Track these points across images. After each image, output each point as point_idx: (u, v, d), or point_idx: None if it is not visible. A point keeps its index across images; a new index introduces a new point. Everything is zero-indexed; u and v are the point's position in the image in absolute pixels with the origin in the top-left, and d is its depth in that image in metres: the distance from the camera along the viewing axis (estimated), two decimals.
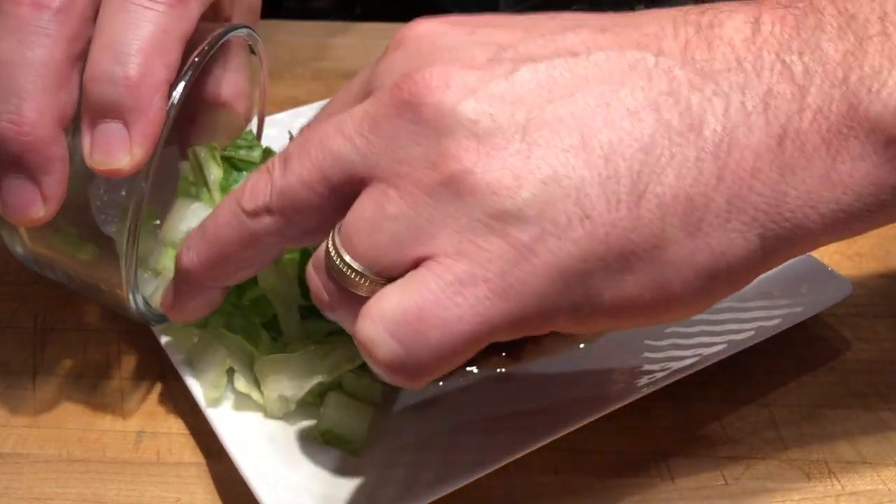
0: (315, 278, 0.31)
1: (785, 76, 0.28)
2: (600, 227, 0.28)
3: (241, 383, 0.38)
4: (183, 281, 0.35)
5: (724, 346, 0.40)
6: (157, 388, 0.42)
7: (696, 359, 0.39)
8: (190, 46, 0.35)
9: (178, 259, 0.35)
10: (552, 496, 0.37)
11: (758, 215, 0.28)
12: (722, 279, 0.29)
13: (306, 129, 0.33)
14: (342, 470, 0.36)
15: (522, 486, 0.38)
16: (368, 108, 0.30)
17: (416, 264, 0.28)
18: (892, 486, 0.38)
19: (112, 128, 0.33)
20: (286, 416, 0.38)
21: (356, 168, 0.30)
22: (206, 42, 0.36)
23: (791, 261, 0.44)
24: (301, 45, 0.71)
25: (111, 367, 0.44)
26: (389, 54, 0.32)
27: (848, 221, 0.29)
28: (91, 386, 0.43)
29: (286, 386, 0.37)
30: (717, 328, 0.42)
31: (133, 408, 0.42)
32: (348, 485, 0.35)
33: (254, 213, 0.32)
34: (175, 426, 0.41)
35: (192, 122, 0.43)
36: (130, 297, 0.37)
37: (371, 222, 0.29)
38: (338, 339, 0.39)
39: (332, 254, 0.29)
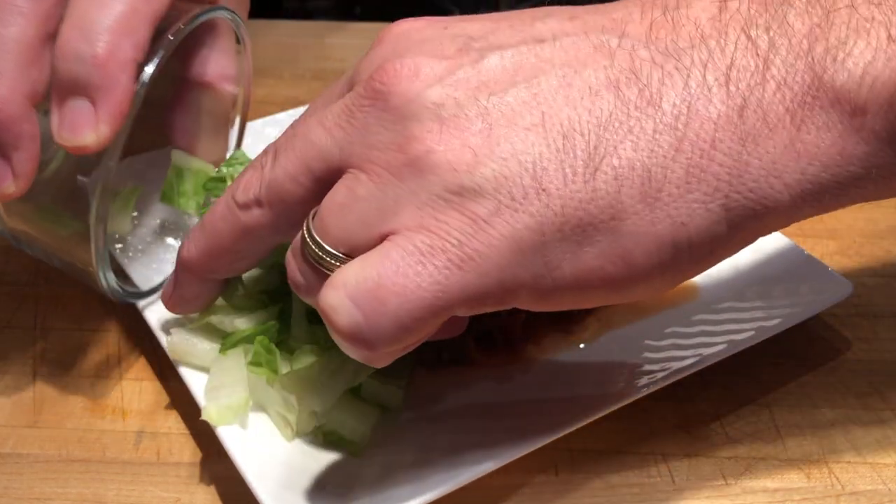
0: (292, 262, 0.32)
1: (749, 50, 0.29)
2: (556, 199, 0.28)
3: (274, 412, 0.38)
4: (182, 272, 0.37)
5: (724, 346, 0.40)
6: (157, 388, 0.42)
7: (696, 359, 0.39)
8: (166, 26, 0.35)
9: (178, 251, 0.37)
10: (552, 496, 0.37)
11: (720, 185, 0.28)
12: (685, 251, 0.29)
13: (294, 123, 0.34)
14: (343, 470, 0.36)
15: (522, 486, 0.38)
16: (347, 100, 0.31)
17: (382, 241, 0.29)
18: (892, 486, 0.38)
19: (79, 105, 0.33)
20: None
21: (334, 158, 0.31)
22: (181, 21, 0.36)
23: (791, 261, 0.45)
24: (301, 46, 0.71)
25: (111, 367, 0.44)
26: (371, 51, 0.33)
27: (818, 194, 0.29)
28: (91, 386, 0.43)
29: (314, 400, 0.37)
30: (717, 328, 0.42)
31: (133, 408, 0.42)
32: (349, 485, 0.35)
33: (245, 206, 0.34)
34: (175, 426, 0.41)
35: (178, 102, 0.44)
36: (101, 274, 0.38)
37: (342, 205, 0.30)
38: None
39: (307, 238, 0.31)
